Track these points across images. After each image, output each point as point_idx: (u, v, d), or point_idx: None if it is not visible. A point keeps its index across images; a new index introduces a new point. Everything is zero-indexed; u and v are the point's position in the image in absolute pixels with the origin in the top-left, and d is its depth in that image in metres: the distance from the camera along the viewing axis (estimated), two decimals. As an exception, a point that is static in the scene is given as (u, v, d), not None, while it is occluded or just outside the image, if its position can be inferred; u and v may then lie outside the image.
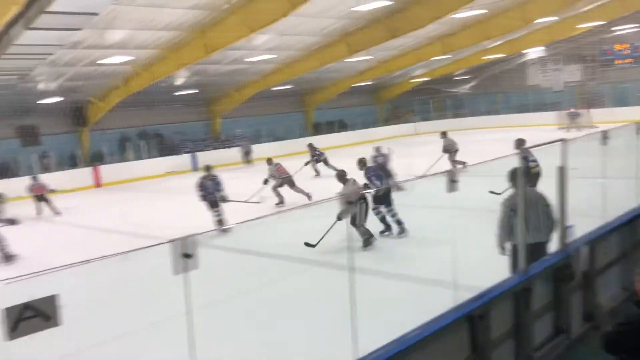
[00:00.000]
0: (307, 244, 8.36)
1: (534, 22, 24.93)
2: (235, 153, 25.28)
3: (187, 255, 3.12)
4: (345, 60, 24.69)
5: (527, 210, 5.02)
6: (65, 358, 5.43)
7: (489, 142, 21.74)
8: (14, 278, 2.76)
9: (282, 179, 13.81)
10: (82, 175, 21.85)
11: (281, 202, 13.47)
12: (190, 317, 3.24)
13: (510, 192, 5.61)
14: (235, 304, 6.81)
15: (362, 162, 10.13)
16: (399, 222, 9.38)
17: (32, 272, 2.84)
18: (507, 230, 5.47)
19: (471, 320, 4.04)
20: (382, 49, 24.79)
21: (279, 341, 5.63)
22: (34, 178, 16.28)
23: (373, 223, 9.14)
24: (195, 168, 23.89)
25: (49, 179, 20.17)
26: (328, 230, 8.19)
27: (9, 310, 2.22)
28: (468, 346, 4.06)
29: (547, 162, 5.17)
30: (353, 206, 8.18)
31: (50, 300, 2.34)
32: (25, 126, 22.61)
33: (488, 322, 4.10)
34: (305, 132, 31.58)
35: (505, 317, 4.37)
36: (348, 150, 23.15)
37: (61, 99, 21.76)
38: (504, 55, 31.87)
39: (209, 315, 5.15)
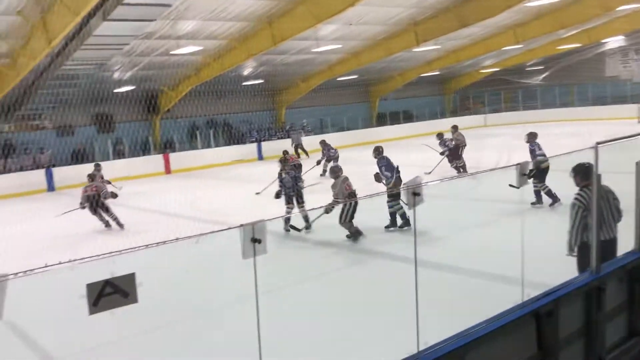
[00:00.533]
0: (292, 227, 9.06)
1: (615, 10, 23.63)
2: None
3: (255, 240, 3.21)
4: (413, 50, 24.33)
5: (599, 207, 4.81)
6: (141, 334, 5.70)
7: (563, 136, 20.90)
8: (93, 257, 2.93)
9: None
10: (154, 162, 22.72)
11: None
12: (257, 300, 3.33)
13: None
14: (299, 291, 6.91)
15: (377, 151, 10.28)
16: (403, 216, 9.24)
17: (110, 252, 3.01)
18: (580, 230, 5.23)
19: (538, 317, 3.94)
20: (451, 39, 24.26)
21: (340, 330, 5.68)
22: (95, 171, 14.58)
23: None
24: (260, 157, 24.34)
25: (122, 165, 21.27)
26: (315, 220, 8.97)
27: (90, 286, 2.36)
28: (534, 344, 3.96)
29: (627, 157, 4.92)
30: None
31: (129, 278, 2.47)
32: (101, 114, 23.69)
33: (556, 321, 3.99)
34: (369, 123, 31.45)
35: (575, 316, 4.23)
36: (413, 141, 22.88)
37: (135, 87, 22.64)
38: (581, 45, 30.40)
39: (274, 300, 5.27)
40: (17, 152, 21.54)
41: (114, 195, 11.99)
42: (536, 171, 10.02)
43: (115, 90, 22.51)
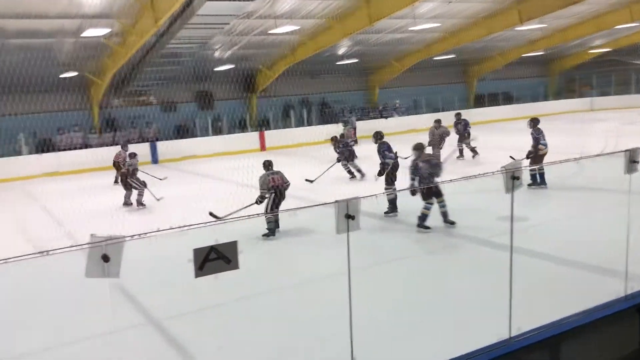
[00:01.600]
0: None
1: None
2: (391, 123, 25.25)
3: (349, 217, 3.28)
4: (516, 28, 23.25)
5: None
6: (243, 300, 6.03)
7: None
8: (200, 224, 3.12)
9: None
10: (250, 139, 23.47)
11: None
12: (349, 275, 3.40)
13: None
14: (390, 271, 6.94)
15: (377, 136, 10.49)
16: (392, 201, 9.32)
17: (218, 219, 3.20)
18: None
19: (643, 312, 3.74)
20: (557, 17, 22.89)
21: (430, 313, 5.66)
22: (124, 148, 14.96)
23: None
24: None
25: (220, 141, 22.17)
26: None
27: (197, 251, 2.54)
28: (636, 339, 3.77)
29: None
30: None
31: (232, 246, 2.63)
32: (202, 91, 24.72)
33: (662, 317, 3.77)
34: (466, 104, 30.53)
35: (685, 315, 3.97)
36: (513, 124, 21.99)
37: (233, 66, 23.38)
38: None
39: (364, 277, 5.33)
40: (125, 126, 23.03)
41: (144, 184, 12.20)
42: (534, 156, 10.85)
43: (216, 69, 23.36)
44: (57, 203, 13.03)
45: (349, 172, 14.31)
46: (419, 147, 8.66)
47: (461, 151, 16.38)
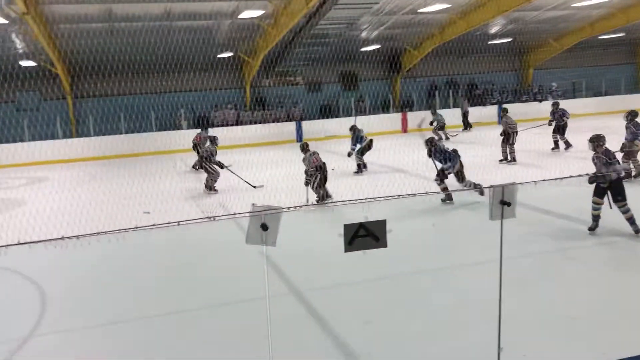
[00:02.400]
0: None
1: None
2: (545, 107, 23.56)
3: (504, 203, 3.06)
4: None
5: None
6: (388, 278, 6.06)
7: None
8: (351, 200, 3.11)
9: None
10: (392, 120, 23.31)
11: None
12: (501, 262, 3.21)
13: None
14: (543, 260, 6.50)
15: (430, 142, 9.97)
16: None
17: (364, 198, 3.19)
18: None
19: None
20: None
21: (590, 310, 5.20)
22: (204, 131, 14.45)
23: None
24: (500, 120, 23.23)
25: (363, 121, 22.20)
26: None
27: (347, 226, 2.51)
28: None
29: None
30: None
31: (381, 224, 2.56)
32: (347, 72, 24.96)
33: None
34: (634, 88, 27.59)
35: None
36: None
37: (379, 46, 23.26)
38: None
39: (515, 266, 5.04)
40: (273, 105, 24.04)
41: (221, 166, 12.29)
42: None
43: (362, 49, 23.42)
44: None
45: None
46: (594, 140, 7.37)
47: (556, 143, 14.95)
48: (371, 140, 13.99)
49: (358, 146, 13.85)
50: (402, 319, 5.08)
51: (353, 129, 14.18)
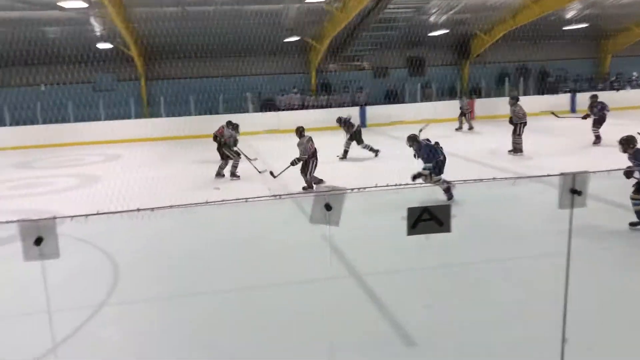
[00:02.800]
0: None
1: None
2: (621, 97, 22.40)
3: (575, 192, 2.98)
4: None
5: None
6: (450, 266, 6.03)
7: None
8: (416, 184, 3.12)
9: None
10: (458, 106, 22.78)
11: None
12: (568, 255, 3.14)
13: None
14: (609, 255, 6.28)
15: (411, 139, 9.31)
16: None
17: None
18: None
19: None
20: None
21: None
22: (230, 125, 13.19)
23: None
24: (573, 109, 22.33)
25: (429, 107, 21.91)
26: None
27: (411, 210, 2.53)
28: None
29: None
30: None
31: (445, 209, 2.57)
32: (414, 57, 24.59)
33: None
34: None
35: None
36: None
37: (448, 31, 22.75)
38: None
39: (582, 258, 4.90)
40: (338, 90, 24.04)
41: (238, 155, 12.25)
42: None
43: (430, 34, 22.99)
44: (276, 158, 14.25)
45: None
46: (624, 142, 7.14)
47: (598, 137, 14.11)
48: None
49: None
50: (462, 306, 5.06)
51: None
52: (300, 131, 10.64)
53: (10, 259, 6.24)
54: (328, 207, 2.49)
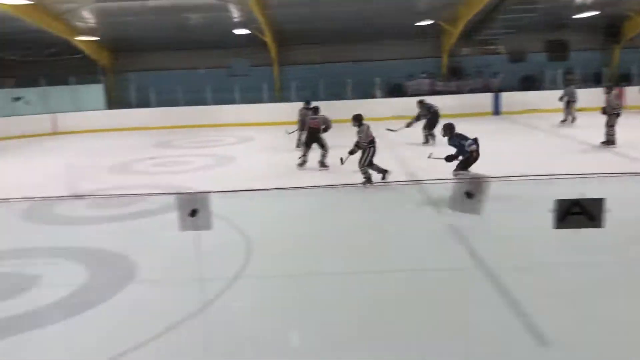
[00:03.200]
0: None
1: None
2: None
3: None
4: None
5: None
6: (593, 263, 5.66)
7: None
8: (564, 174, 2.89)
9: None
10: (600, 95, 20.93)
11: None
12: None
13: None
14: None
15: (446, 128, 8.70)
16: None
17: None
18: None
19: None
20: None
21: None
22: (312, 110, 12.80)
23: None
24: None
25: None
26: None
27: (560, 202, 2.34)
28: None
29: None
30: None
31: (598, 203, 2.35)
32: (555, 41, 22.94)
33: None
34: None
35: None
36: None
37: (597, 13, 20.91)
38: None
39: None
40: (471, 75, 23.13)
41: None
42: None
43: (574, 16, 21.31)
44: (403, 145, 14.11)
45: None
46: None
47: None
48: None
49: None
50: (606, 306, 4.67)
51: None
52: (359, 119, 9.95)
53: (159, 230, 6.85)
54: (469, 194, 2.38)
